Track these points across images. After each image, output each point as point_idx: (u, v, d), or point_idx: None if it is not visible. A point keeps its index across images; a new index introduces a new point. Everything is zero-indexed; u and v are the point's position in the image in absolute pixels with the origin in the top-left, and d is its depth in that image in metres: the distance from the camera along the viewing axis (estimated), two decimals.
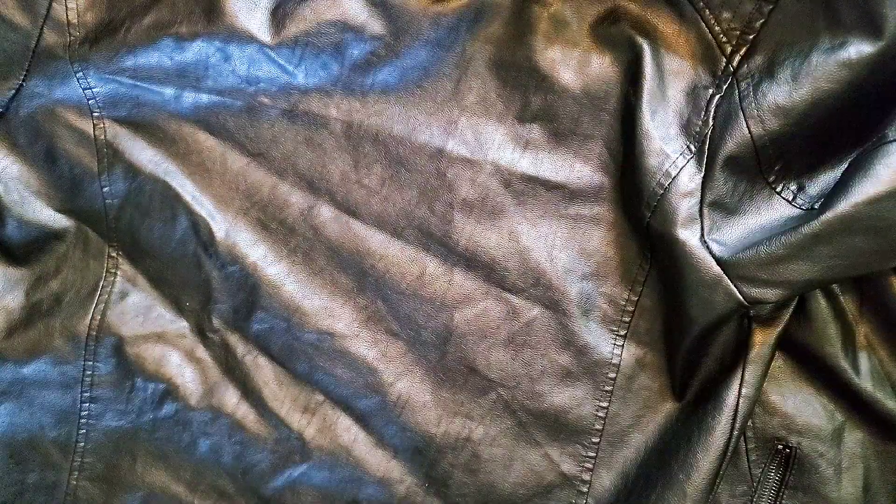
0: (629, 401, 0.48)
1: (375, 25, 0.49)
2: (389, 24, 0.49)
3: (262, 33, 0.50)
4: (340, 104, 0.50)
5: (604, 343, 0.48)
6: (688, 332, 0.45)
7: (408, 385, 0.50)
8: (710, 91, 0.45)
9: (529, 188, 0.48)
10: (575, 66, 0.48)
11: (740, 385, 0.45)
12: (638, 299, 0.48)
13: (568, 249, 0.48)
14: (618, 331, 0.48)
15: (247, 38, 0.50)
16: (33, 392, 0.52)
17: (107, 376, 0.52)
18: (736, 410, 0.45)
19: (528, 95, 0.48)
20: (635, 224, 0.46)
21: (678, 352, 0.47)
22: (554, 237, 0.48)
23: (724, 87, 0.45)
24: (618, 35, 0.47)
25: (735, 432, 0.45)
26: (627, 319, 0.48)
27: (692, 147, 0.45)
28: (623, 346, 0.48)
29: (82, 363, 0.52)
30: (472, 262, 0.49)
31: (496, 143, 0.48)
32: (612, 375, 0.48)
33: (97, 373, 0.52)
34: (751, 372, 0.45)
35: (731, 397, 0.45)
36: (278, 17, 0.50)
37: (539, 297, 0.48)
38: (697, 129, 0.45)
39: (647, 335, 0.48)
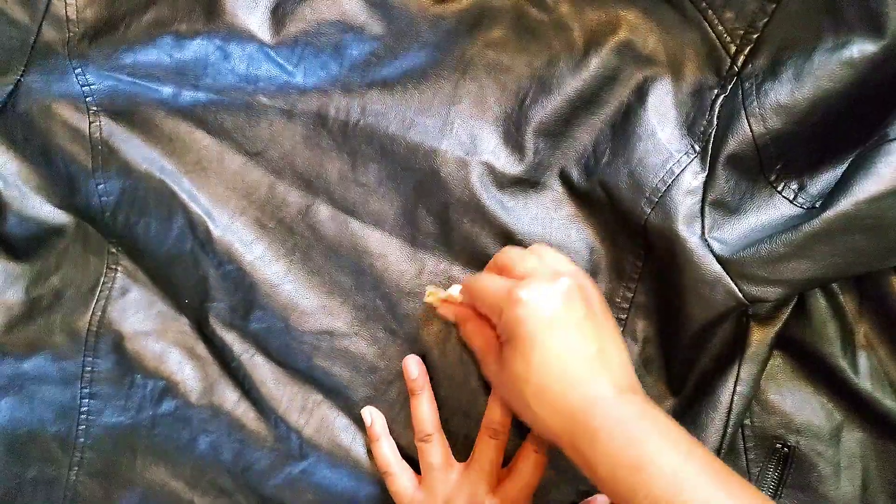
0: None
1: (375, 26, 0.49)
2: (389, 26, 0.49)
3: (262, 32, 0.50)
4: (339, 104, 0.50)
5: None
6: (686, 329, 0.45)
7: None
8: (715, 91, 0.45)
9: (521, 190, 0.48)
10: (574, 70, 0.48)
11: (735, 382, 0.45)
12: (633, 296, 0.48)
13: (561, 249, 0.48)
14: None
15: (247, 37, 0.50)
16: (33, 387, 0.52)
17: (106, 372, 0.52)
18: (730, 408, 0.45)
19: (525, 99, 0.48)
20: (628, 222, 0.46)
21: (675, 348, 0.47)
22: (548, 238, 0.48)
23: (729, 87, 0.44)
24: (619, 39, 0.47)
25: (729, 430, 0.45)
26: (623, 316, 0.48)
27: (696, 146, 0.45)
28: None
29: (82, 359, 0.52)
30: (469, 261, 0.49)
31: (491, 146, 0.48)
32: None
33: (97, 369, 0.52)
34: (747, 370, 0.45)
35: (725, 395, 0.45)
36: (278, 16, 0.50)
37: None
38: (702, 129, 0.45)
39: (643, 332, 0.48)
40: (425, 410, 0.48)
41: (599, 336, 0.39)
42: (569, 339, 0.39)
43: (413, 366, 0.49)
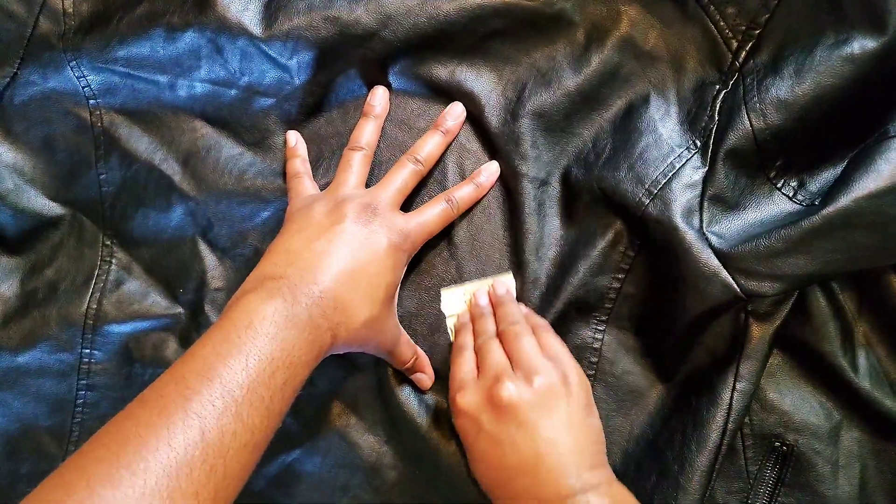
0: (612, 385, 0.48)
1: (370, 19, 0.49)
2: (384, 18, 0.49)
3: (254, 26, 0.49)
4: (338, 94, 0.50)
5: (584, 327, 0.48)
6: (679, 320, 0.45)
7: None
8: (717, 87, 0.45)
9: (517, 182, 0.48)
10: (574, 64, 0.47)
11: (735, 379, 0.45)
12: (621, 287, 0.48)
13: (555, 243, 0.48)
14: (599, 315, 0.48)
15: (238, 31, 0.49)
16: (29, 381, 0.52)
17: (104, 363, 0.52)
18: (730, 405, 0.44)
19: (524, 90, 0.48)
20: (625, 213, 0.46)
21: (667, 338, 0.47)
22: (546, 230, 0.48)
23: (730, 82, 0.44)
24: (621, 35, 0.47)
25: (729, 426, 0.44)
26: (609, 305, 0.48)
27: (697, 142, 0.45)
28: (604, 330, 0.48)
29: (79, 351, 0.52)
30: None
31: (488, 134, 0.48)
32: (593, 359, 0.48)
33: (94, 360, 0.52)
34: (746, 367, 0.45)
35: (725, 392, 0.45)
36: (271, 10, 0.49)
37: (530, 289, 0.48)
38: (703, 125, 0.45)
39: (629, 320, 0.48)
40: (369, 131, 0.48)
41: (566, 439, 0.39)
42: (529, 455, 0.38)
43: (379, 92, 0.49)
